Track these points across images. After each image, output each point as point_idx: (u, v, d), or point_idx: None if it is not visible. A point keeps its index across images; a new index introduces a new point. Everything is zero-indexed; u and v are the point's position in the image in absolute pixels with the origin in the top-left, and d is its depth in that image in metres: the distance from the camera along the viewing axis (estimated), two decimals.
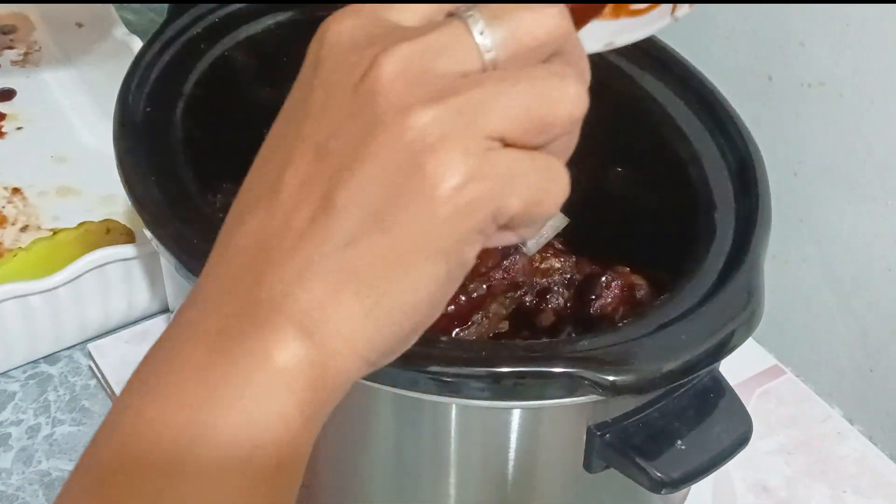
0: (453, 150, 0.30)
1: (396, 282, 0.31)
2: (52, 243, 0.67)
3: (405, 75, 0.31)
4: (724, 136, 0.56)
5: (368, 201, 0.31)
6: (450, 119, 0.31)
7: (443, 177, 0.30)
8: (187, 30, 0.59)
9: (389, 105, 0.31)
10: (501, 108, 0.31)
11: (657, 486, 0.45)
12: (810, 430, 0.67)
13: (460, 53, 0.31)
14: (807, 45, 0.63)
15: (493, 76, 0.31)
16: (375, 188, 0.31)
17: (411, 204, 0.31)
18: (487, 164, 0.31)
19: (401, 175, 0.31)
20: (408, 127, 0.30)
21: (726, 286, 0.48)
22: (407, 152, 0.31)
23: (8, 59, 0.89)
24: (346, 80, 0.32)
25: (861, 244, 0.64)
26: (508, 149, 0.32)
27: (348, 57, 0.32)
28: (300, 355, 0.31)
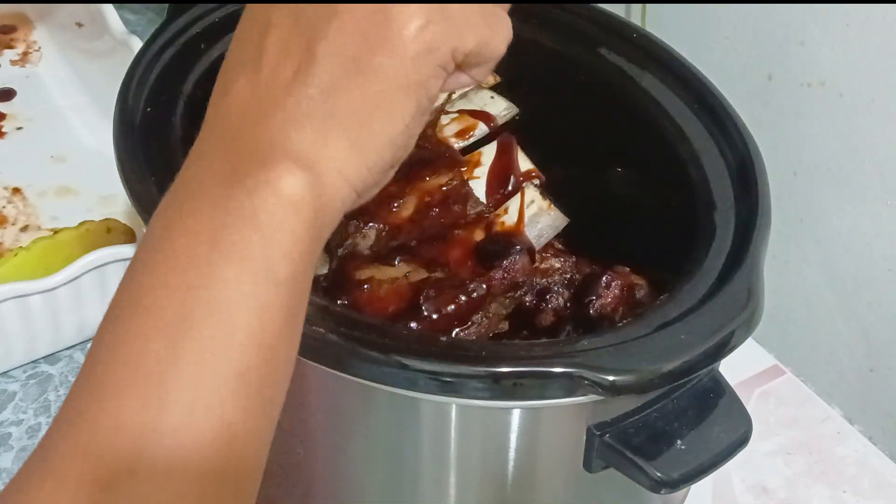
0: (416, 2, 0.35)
1: (376, 116, 0.36)
2: (52, 243, 0.67)
3: None
4: (724, 136, 0.56)
5: (345, 49, 0.35)
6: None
7: (407, 20, 0.35)
8: (187, 30, 0.59)
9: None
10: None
11: (657, 486, 0.45)
12: (810, 430, 0.67)
13: None
14: (807, 44, 0.63)
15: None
16: (349, 37, 0.35)
17: (382, 46, 0.35)
18: (445, 10, 0.36)
19: (370, 23, 0.35)
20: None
21: (726, 286, 0.48)
22: (374, 4, 0.35)
23: (7, 59, 0.89)
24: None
25: (861, 244, 0.64)
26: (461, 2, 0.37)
27: None
28: (302, 184, 0.35)
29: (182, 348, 0.34)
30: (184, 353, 0.34)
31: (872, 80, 0.60)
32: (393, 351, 0.44)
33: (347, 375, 0.44)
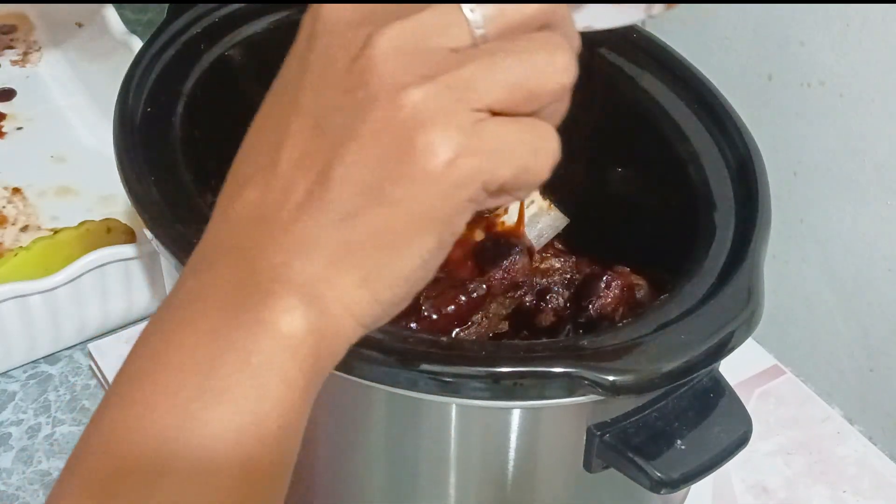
0: (444, 125, 0.32)
1: (391, 253, 0.33)
2: (53, 242, 0.67)
3: (398, 53, 0.32)
4: (724, 135, 0.56)
5: (363, 176, 0.32)
6: (440, 95, 0.32)
7: (434, 153, 0.32)
8: (187, 30, 0.59)
9: (383, 83, 0.32)
10: (490, 80, 0.32)
11: (657, 486, 0.45)
12: (810, 430, 0.67)
13: (451, 30, 0.33)
14: (807, 44, 0.63)
15: (483, 51, 0.33)
16: (370, 164, 0.32)
17: (405, 179, 0.32)
18: (477, 138, 0.32)
19: (394, 151, 0.32)
20: (400, 104, 0.32)
21: (726, 286, 0.48)
22: (400, 129, 0.32)
23: (7, 59, 0.89)
24: (341, 56, 0.33)
25: (861, 244, 0.64)
26: (497, 118, 0.33)
27: (344, 33, 0.33)
28: (302, 323, 0.33)
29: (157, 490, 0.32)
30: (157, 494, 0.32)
31: (872, 80, 0.60)
32: (393, 351, 0.44)
33: (347, 375, 0.44)
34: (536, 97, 0.33)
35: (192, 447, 0.32)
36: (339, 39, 0.33)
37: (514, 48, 0.33)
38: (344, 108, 0.33)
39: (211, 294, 0.34)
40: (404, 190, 0.32)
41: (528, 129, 0.33)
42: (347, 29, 0.33)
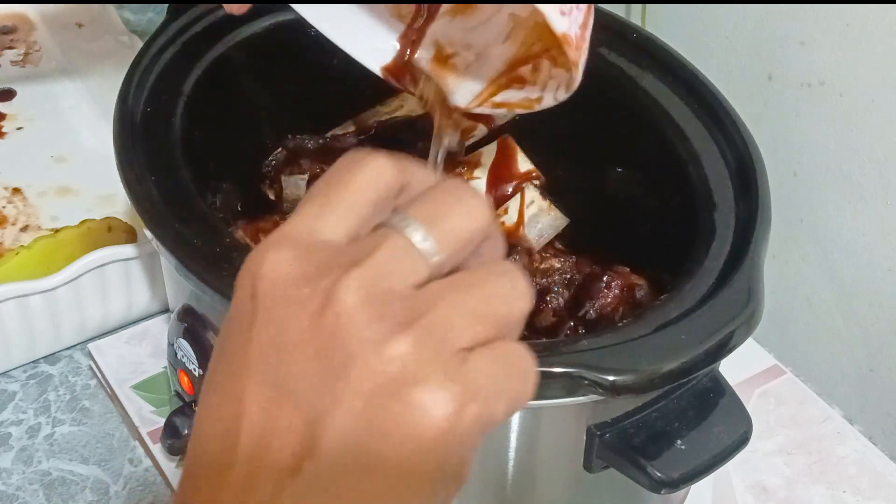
0: (437, 378, 0.30)
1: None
2: (53, 241, 0.67)
3: (367, 303, 0.30)
4: (724, 136, 0.56)
5: (359, 443, 0.29)
6: (424, 343, 0.30)
7: (435, 409, 0.29)
8: (187, 30, 0.59)
9: (359, 338, 0.29)
10: (465, 319, 0.31)
11: (657, 486, 0.45)
12: (810, 430, 0.67)
13: (409, 267, 0.31)
14: (807, 44, 0.63)
15: (447, 287, 0.31)
16: (364, 428, 0.29)
17: (407, 442, 0.29)
18: (468, 382, 0.30)
19: (390, 413, 0.29)
20: (387, 358, 0.29)
21: (726, 286, 0.48)
22: (391, 386, 0.29)
23: (8, 60, 0.89)
24: (298, 315, 0.30)
25: (861, 244, 0.64)
26: (475, 354, 0.31)
27: (297, 290, 0.30)
28: None
29: None
30: None
31: (872, 80, 0.60)
32: None
33: None
34: (505, 324, 0.32)
35: None
36: (294, 297, 0.30)
37: (478, 279, 0.32)
38: (316, 371, 0.30)
39: None
40: (407, 453, 0.29)
41: (508, 356, 0.32)
42: (298, 285, 0.30)
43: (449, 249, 0.32)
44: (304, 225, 0.32)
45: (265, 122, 0.64)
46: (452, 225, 0.32)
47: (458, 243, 0.32)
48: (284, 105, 0.65)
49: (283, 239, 0.32)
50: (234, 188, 0.61)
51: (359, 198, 0.32)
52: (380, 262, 0.30)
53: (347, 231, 0.32)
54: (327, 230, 0.32)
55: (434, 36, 0.49)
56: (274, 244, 0.31)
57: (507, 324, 0.32)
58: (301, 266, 0.31)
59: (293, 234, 0.32)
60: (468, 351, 0.31)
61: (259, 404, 0.30)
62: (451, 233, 0.32)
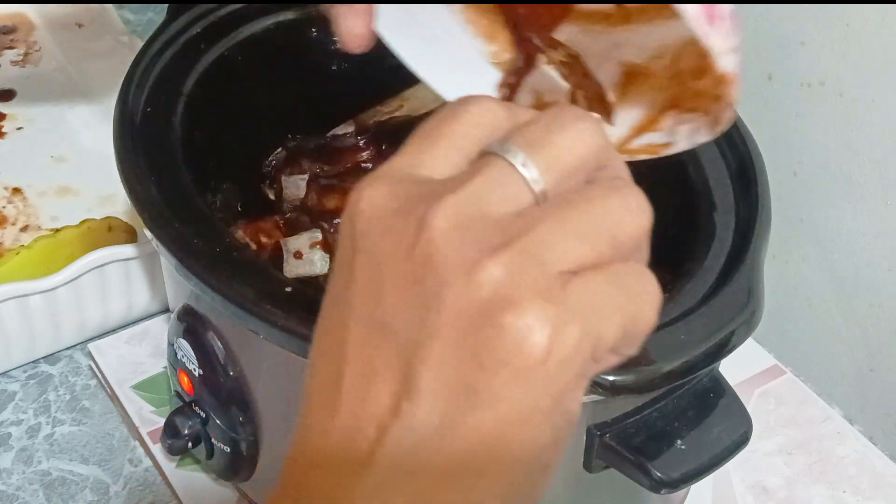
0: (532, 300, 0.28)
1: (502, 463, 0.29)
2: (54, 241, 0.67)
3: (459, 228, 0.28)
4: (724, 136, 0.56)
5: (454, 376, 0.28)
6: (518, 265, 0.28)
7: (529, 333, 0.28)
8: (187, 30, 0.59)
9: (450, 264, 0.28)
10: (567, 237, 0.29)
11: (657, 486, 0.45)
12: (810, 430, 0.67)
13: (509, 191, 0.29)
14: (807, 44, 0.63)
15: (550, 208, 0.29)
16: (459, 361, 0.28)
17: (502, 370, 0.28)
18: (570, 305, 0.28)
19: (483, 340, 0.28)
20: (478, 284, 0.28)
21: (726, 286, 0.48)
22: (484, 313, 0.28)
23: (8, 60, 0.89)
24: (394, 248, 0.29)
25: (861, 244, 0.64)
26: (584, 275, 0.29)
27: (392, 223, 0.29)
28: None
29: None
30: None
31: (872, 80, 0.60)
32: None
33: None
34: (618, 244, 0.30)
35: None
36: (390, 230, 0.29)
37: (584, 197, 0.30)
38: (411, 303, 0.29)
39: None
40: (504, 383, 0.28)
41: (621, 276, 0.30)
42: (394, 217, 0.29)
43: (554, 175, 0.30)
44: (404, 161, 0.31)
45: (265, 123, 0.64)
46: (559, 150, 0.30)
47: (565, 169, 0.30)
48: (284, 105, 0.65)
49: (380, 176, 0.31)
50: (235, 188, 0.61)
51: (464, 134, 0.31)
52: (475, 187, 0.29)
53: (450, 167, 0.31)
54: (428, 166, 0.31)
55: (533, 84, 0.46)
56: (370, 181, 0.31)
57: (623, 242, 0.30)
58: (397, 199, 0.30)
59: (391, 170, 0.31)
60: (573, 273, 0.29)
61: (359, 345, 0.30)
62: (556, 158, 0.30)
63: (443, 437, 0.28)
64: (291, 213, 0.60)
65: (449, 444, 0.29)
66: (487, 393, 0.28)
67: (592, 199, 0.30)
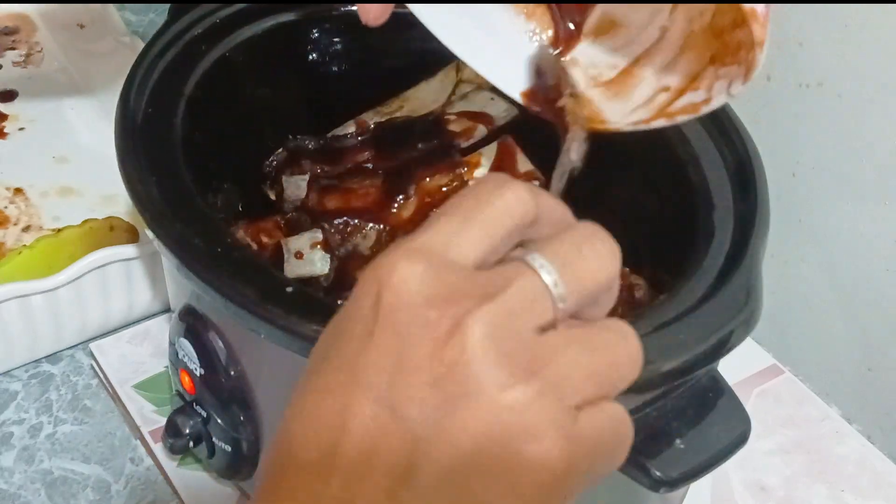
0: (551, 434, 0.29)
1: None
2: (56, 241, 0.67)
3: (492, 343, 0.29)
4: (723, 136, 0.56)
5: (458, 483, 0.29)
6: (544, 397, 0.30)
7: (546, 467, 0.29)
8: (188, 31, 0.60)
9: (480, 379, 0.29)
10: (584, 377, 0.31)
11: (656, 485, 0.45)
12: (809, 429, 0.67)
13: (539, 309, 0.31)
14: (805, 45, 0.63)
15: (571, 341, 0.31)
16: (467, 470, 0.29)
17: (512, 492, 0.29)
18: (581, 440, 0.30)
19: (492, 455, 0.29)
20: (504, 406, 0.29)
21: (725, 286, 0.48)
22: (503, 434, 0.29)
23: (10, 60, 0.89)
24: (422, 339, 0.30)
25: (860, 244, 0.64)
26: (588, 413, 0.31)
27: (425, 312, 0.30)
28: None
29: None
30: None
31: (871, 80, 0.60)
32: None
33: None
34: (615, 389, 0.32)
35: None
36: (422, 318, 0.30)
37: (601, 342, 0.32)
38: (428, 400, 0.29)
39: None
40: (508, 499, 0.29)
41: (612, 420, 0.32)
42: (427, 308, 0.30)
43: (577, 297, 0.32)
44: (440, 239, 0.31)
45: (266, 123, 0.64)
46: (584, 273, 0.32)
47: (587, 292, 0.32)
48: (285, 106, 0.65)
49: (417, 250, 0.31)
50: (235, 188, 0.62)
51: (497, 223, 0.32)
52: (511, 299, 0.30)
53: (479, 255, 0.31)
54: (461, 250, 0.31)
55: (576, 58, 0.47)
56: (407, 254, 0.31)
57: (617, 388, 0.32)
58: (431, 286, 0.30)
59: (427, 246, 0.31)
60: (578, 409, 0.31)
61: (366, 420, 0.30)
62: (581, 281, 0.32)
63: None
64: (292, 214, 0.61)
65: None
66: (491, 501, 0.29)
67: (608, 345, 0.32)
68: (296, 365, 0.46)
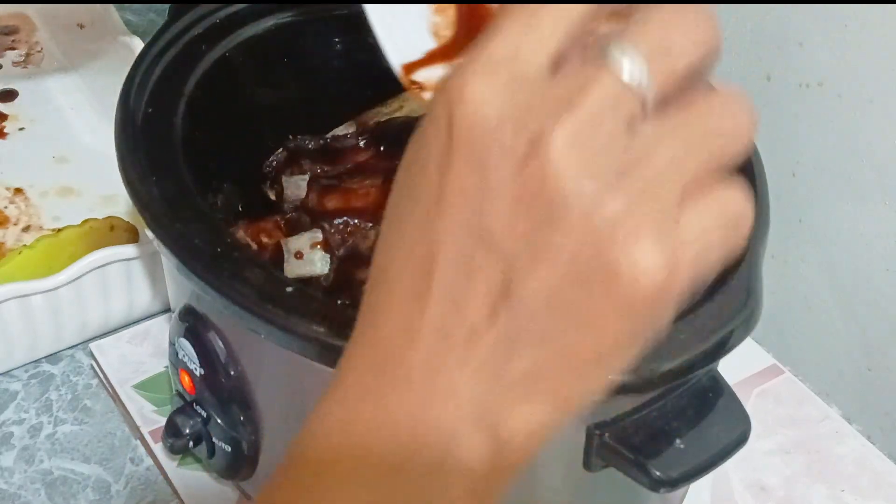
0: (651, 240, 0.28)
1: (590, 373, 0.30)
2: (56, 240, 0.67)
3: (578, 152, 0.28)
4: None
5: (557, 297, 0.28)
6: (637, 201, 0.28)
7: (645, 273, 0.28)
8: (188, 30, 0.60)
9: (567, 194, 0.28)
10: (682, 169, 0.28)
11: (656, 485, 0.45)
12: (808, 429, 0.67)
13: (622, 105, 0.28)
14: (805, 45, 0.63)
15: (664, 132, 0.29)
16: (564, 284, 0.28)
17: (611, 301, 0.28)
18: (683, 241, 0.28)
19: (591, 269, 0.28)
20: (597, 218, 0.28)
21: (725, 286, 0.48)
22: (596, 244, 0.28)
23: (10, 60, 0.89)
24: (503, 160, 0.28)
25: (860, 244, 0.64)
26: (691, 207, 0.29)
27: (501, 134, 0.28)
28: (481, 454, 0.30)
29: None
30: None
31: (871, 80, 0.60)
32: None
33: None
34: (724, 167, 0.29)
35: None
36: (497, 140, 0.28)
37: (698, 120, 0.29)
38: (520, 221, 0.28)
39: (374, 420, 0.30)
40: (611, 313, 0.28)
41: (720, 203, 0.29)
42: (504, 127, 0.28)
43: (667, 81, 0.29)
44: (509, 43, 0.29)
45: (266, 123, 0.64)
46: (673, 53, 0.29)
47: (678, 73, 0.29)
48: (285, 105, 0.65)
49: (485, 64, 0.29)
50: (235, 188, 0.62)
51: (571, 11, 0.29)
52: (592, 102, 0.28)
53: (554, 51, 0.29)
54: (532, 55, 0.29)
55: None
56: (474, 68, 0.29)
57: (726, 165, 0.29)
58: (505, 102, 0.28)
59: (496, 55, 0.29)
60: (681, 204, 0.28)
61: (455, 249, 0.29)
62: (671, 63, 0.29)
63: (538, 352, 0.29)
64: (292, 214, 0.61)
65: (542, 359, 0.29)
66: (592, 319, 0.28)
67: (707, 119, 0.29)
68: (296, 364, 0.46)
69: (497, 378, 0.29)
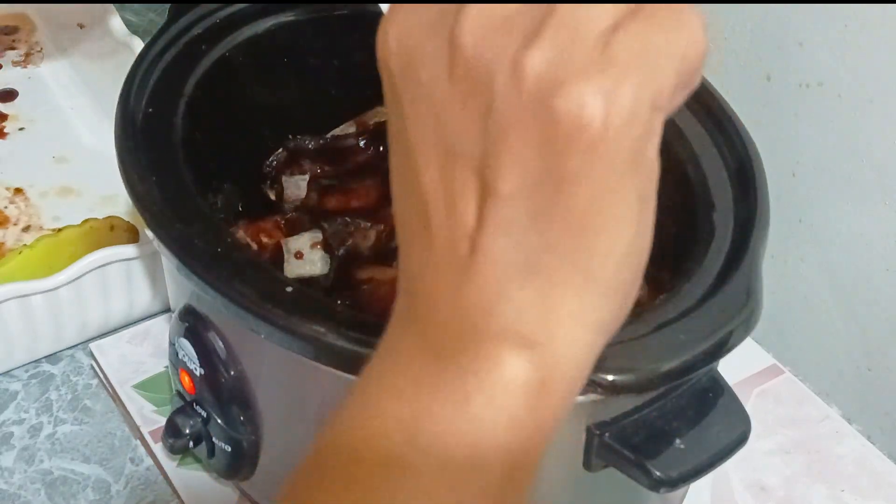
0: (577, 75, 0.27)
1: (595, 234, 0.29)
2: (56, 240, 0.67)
3: (488, 31, 0.28)
4: (723, 136, 0.56)
5: (529, 171, 0.28)
6: (555, 44, 0.27)
7: (582, 112, 0.27)
8: (188, 31, 0.60)
9: (492, 70, 0.28)
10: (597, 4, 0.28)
11: (656, 485, 0.45)
12: (808, 429, 0.67)
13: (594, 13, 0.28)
14: (805, 45, 0.63)
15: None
16: (529, 154, 0.28)
17: (571, 151, 0.27)
18: (616, 65, 0.27)
19: (544, 132, 0.28)
20: (523, 78, 0.27)
21: (725, 286, 0.48)
22: (535, 106, 0.27)
23: (9, 60, 0.89)
24: (436, 73, 0.29)
25: (860, 244, 0.64)
26: (625, 27, 0.28)
27: (425, 52, 0.29)
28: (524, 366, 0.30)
29: None
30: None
31: (871, 80, 0.60)
32: None
33: (349, 375, 0.44)
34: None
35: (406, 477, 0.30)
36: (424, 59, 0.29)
37: None
38: (470, 119, 0.29)
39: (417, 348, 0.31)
40: (578, 162, 0.28)
41: (657, 18, 0.28)
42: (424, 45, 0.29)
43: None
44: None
45: (266, 123, 0.64)
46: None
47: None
48: (285, 105, 0.65)
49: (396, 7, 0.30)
50: (235, 188, 0.62)
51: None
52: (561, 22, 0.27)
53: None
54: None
55: None
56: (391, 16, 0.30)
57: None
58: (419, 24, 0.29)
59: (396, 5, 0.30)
60: (611, 31, 0.28)
61: (432, 176, 0.30)
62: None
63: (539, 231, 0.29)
64: (292, 214, 0.61)
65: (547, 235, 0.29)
66: (566, 175, 0.28)
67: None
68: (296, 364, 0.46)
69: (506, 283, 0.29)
